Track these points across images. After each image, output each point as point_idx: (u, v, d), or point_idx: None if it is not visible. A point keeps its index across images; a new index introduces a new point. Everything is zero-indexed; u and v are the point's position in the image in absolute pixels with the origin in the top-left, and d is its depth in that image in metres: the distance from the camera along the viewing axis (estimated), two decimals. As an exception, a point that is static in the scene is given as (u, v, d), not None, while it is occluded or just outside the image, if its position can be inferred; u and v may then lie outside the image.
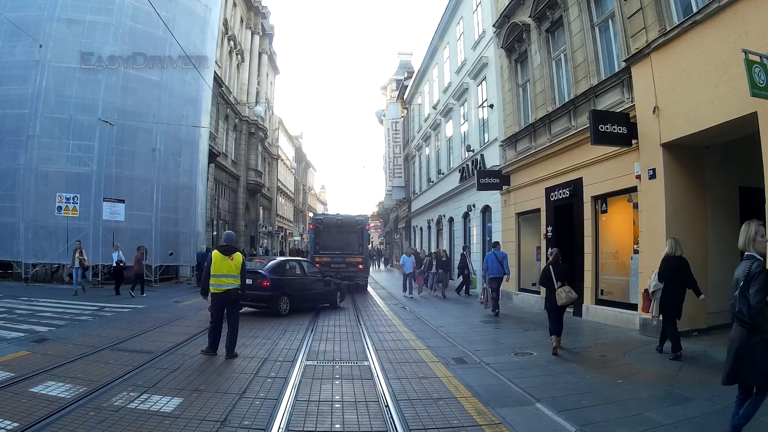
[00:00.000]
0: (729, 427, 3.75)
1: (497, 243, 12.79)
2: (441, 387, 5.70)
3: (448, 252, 19.28)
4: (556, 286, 7.50)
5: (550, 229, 12.10)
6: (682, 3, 7.80)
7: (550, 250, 8.74)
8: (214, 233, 26.30)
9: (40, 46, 16.32)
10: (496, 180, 14.63)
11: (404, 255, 17.92)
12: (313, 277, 13.29)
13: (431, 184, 25.46)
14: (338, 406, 4.98)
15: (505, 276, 11.67)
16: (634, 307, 8.90)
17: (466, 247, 18.25)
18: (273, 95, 45.20)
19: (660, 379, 5.78)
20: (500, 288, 11.77)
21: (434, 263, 16.99)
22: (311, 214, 45.45)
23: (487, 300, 12.22)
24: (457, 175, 19.53)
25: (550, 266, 7.74)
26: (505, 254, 12.10)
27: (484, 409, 4.89)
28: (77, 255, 13.91)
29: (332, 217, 20.33)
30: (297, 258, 15.16)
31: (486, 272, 11.92)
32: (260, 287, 11.29)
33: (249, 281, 11.59)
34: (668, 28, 7.76)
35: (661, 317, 7.03)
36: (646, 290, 7.30)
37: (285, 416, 4.57)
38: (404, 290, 17.04)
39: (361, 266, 18.29)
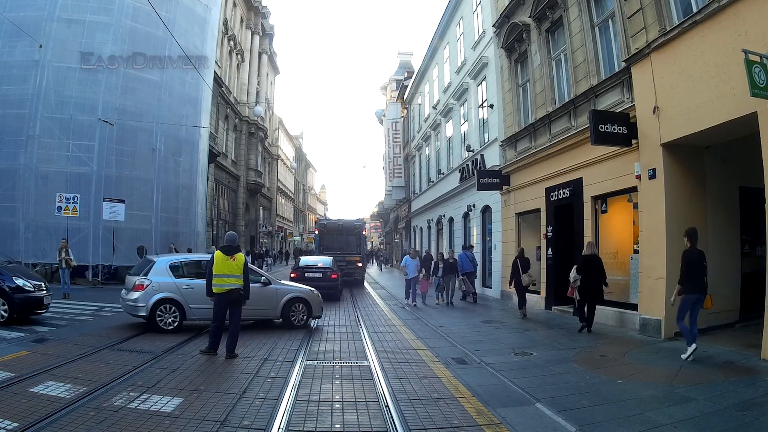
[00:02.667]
0: None
1: (465, 245, 16.88)
2: (441, 387, 5.70)
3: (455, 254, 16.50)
4: (521, 273, 11.08)
5: (550, 229, 12.11)
6: (682, 3, 7.79)
7: (518, 249, 11.84)
8: (214, 233, 26.32)
9: (40, 46, 16.28)
10: (496, 180, 14.63)
11: (407, 256, 15.65)
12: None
13: (431, 184, 25.46)
14: (338, 406, 4.98)
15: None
16: (634, 307, 8.91)
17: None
18: (273, 95, 45.24)
19: (660, 379, 5.77)
20: (474, 283, 14.93)
21: (441, 266, 14.84)
22: (315, 219, 46.16)
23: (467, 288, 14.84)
24: (457, 175, 19.53)
25: (517, 259, 11.37)
26: (473, 254, 15.37)
27: (484, 409, 4.89)
28: (63, 255, 13.63)
29: (334, 222, 24.36)
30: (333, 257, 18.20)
31: (461, 269, 14.49)
32: (331, 279, 15.39)
33: (319, 275, 15.39)
34: (668, 28, 7.76)
35: (578, 301, 9.29)
36: (570, 281, 9.26)
37: (285, 416, 4.58)
38: (406, 297, 14.78)
39: (359, 264, 21.47)
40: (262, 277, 9.82)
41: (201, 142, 20.32)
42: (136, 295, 8.86)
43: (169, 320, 8.88)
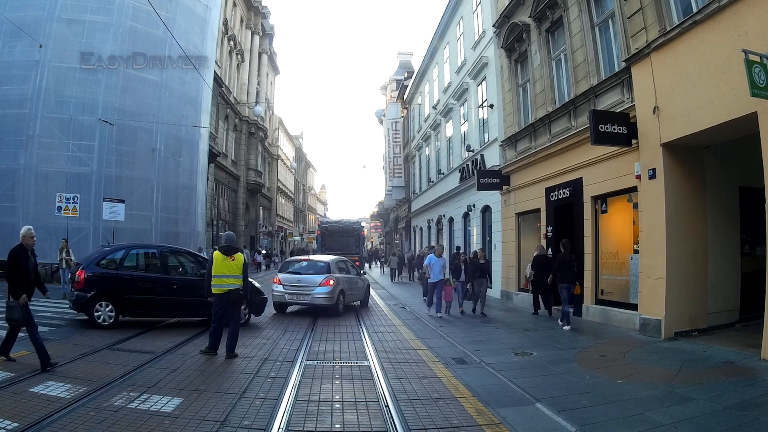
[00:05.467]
0: None
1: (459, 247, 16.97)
2: (441, 387, 5.70)
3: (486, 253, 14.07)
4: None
5: (550, 229, 12.10)
6: (682, 3, 7.79)
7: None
8: (214, 233, 26.33)
9: (40, 46, 16.27)
10: (496, 180, 14.63)
11: (431, 255, 12.39)
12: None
13: (431, 184, 25.46)
14: (338, 406, 4.98)
15: None
16: (634, 307, 8.90)
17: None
18: (273, 95, 45.24)
19: (660, 379, 5.78)
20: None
21: (463, 268, 12.29)
22: (318, 222, 47.16)
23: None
24: (457, 175, 19.53)
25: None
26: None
27: (484, 409, 4.89)
28: (63, 255, 13.49)
29: (335, 225, 27.17)
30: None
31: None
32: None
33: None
34: (668, 28, 7.76)
35: (531, 292, 11.66)
36: (526, 275, 11.92)
37: (285, 416, 4.58)
38: (429, 306, 12.21)
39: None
40: (360, 270, 14.23)
41: (201, 142, 20.32)
42: (326, 289, 11.37)
43: (341, 305, 11.78)
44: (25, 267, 6.03)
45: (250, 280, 10.17)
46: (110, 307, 8.70)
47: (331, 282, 11.43)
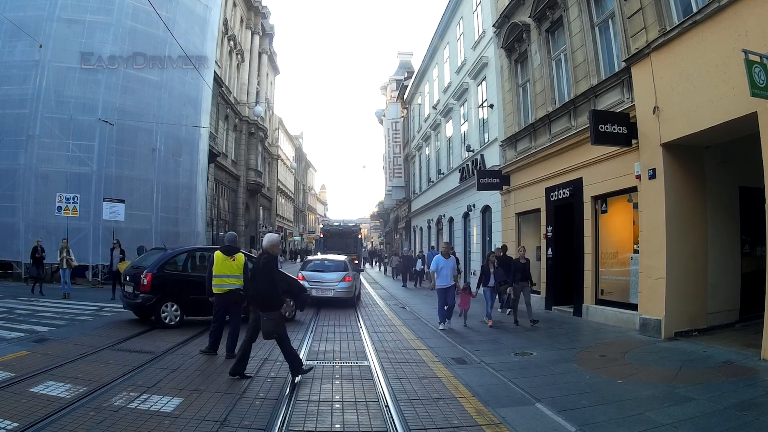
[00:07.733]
0: None
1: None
2: (441, 387, 5.70)
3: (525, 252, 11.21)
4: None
5: (550, 229, 12.11)
6: (682, 3, 7.79)
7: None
8: (214, 233, 26.31)
9: (40, 46, 16.29)
10: (496, 180, 14.63)
11: (438, 255, 10.38)
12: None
13: (431, 184, 25.46)
14: (338, 406, 4.98)
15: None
16: (634, 307, 8.90)
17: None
18: (273, 95, 45.19)
19: (660, 379, 5.78)
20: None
21: (491, 271, 10.45)
22: (320, 224, 47.94)
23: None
24: (457, 175, 19.53)
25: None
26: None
27: (484, 409, 4.89)
28: (64, 255, 13.54)
29: (336, 227, 29.92)
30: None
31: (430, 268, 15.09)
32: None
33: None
34: (668, 28, 7.76)
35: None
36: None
37: (285, 416, 4.58)
38: (440, 316, 9.89)
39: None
40: (359, 268, 16.82)
41: (201, 142, 20.31)
42: (347, 284, 13.23)
43: (356, 298, 13.86)
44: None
45: (294, 277, 11.80)
46: (176, 307, 9.11)
47: (351, 278, 13.46)
